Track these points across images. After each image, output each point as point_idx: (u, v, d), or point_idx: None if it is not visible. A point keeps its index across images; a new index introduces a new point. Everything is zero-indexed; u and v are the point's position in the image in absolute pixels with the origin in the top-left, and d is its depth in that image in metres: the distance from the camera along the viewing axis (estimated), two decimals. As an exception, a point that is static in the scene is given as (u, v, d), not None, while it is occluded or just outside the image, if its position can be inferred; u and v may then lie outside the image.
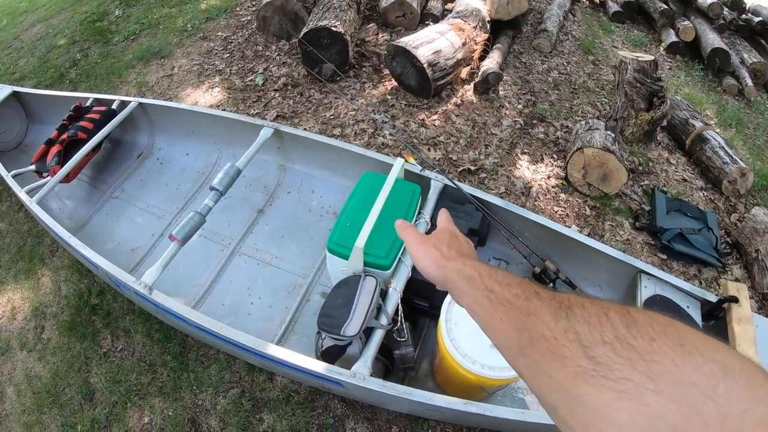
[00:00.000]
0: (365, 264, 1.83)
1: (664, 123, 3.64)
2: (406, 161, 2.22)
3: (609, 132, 3.10)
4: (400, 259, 1.91)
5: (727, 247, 2.86)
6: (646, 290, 2.00)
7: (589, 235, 2.70)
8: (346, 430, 1.99)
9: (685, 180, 3.30)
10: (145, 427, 2.09)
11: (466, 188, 2.22)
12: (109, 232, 2.70)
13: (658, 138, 3.65)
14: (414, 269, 1.93)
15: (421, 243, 0.70)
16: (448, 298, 1.73)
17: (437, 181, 2.23)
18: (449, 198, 2.24)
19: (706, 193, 3.23)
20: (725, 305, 1.92)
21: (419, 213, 2.09)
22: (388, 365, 1.94)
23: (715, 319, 1.97)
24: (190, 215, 2.06)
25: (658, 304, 1.97)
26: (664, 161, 3.42)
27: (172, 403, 2.13)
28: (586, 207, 2.90)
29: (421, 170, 2.27)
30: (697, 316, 1.93)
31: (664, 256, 2.75)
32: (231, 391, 2.13)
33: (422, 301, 1.95)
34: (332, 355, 1.75)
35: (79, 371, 2.31)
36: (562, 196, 2.91)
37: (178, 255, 2.05)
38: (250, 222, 2.60)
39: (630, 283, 2.12)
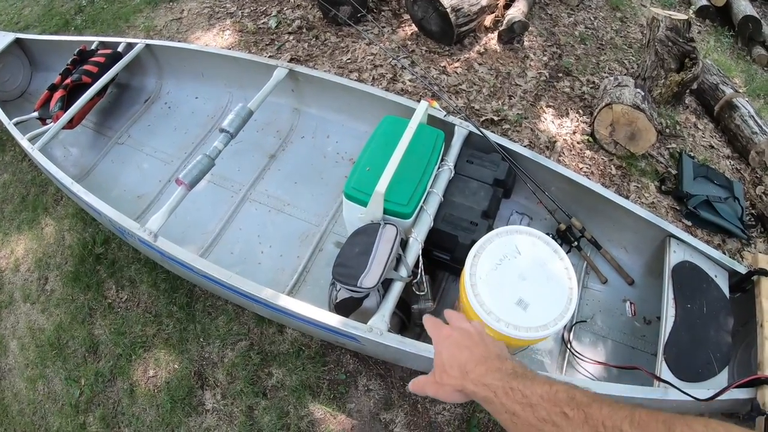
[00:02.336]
0: (385, 212, 1.61)
1: (694, 86, 3.32)
2: (430, 105, 1.96)
3: (639, 90, 2.80)
4: (421, 207, 1.68)
5: (752, 219, 2.62)
6: (675, 255, 1.81)
7: (614, 194, 2.45)
8: (358, 387, 1.83)
9: (712, 147, 3.03)
10: (150, 380, 1.95)
11: (492, 136, 1.97)
12: (115, 179, 2.49)
13: (686, 101, 3.34)
14: (436, 219, 1.71)
15: (432, 383, 0.62)
16: (473, 250, 1.52)
17: (461, 128, 1.98)
18: (473, 146, 1.99)
19: (732, 162, 2.96)
20: (754, 278, 1.74)
21: (442, 160, 1.85)
22: (404, 320, 1.75)
23: (742, 291, 1.80)
24: (198, 158, 1.85)
25: (687, 271, 1.78)
26: (691, 125, 3.14)
27: (177, 356, 1.98)
28: (612, 166, 2.64)
29: (444, 116, 2.01)
30: (724, 287, 1.76)
31: (689, 223, 2.53)
32: (239, 344, 1.98)
33: (443, 253, 1.74)
34: (347, 307, 1.56)
35: (83, 323, 2.16)
36: (588, 153, 2.65)
37: (185, 201, 1.85)
38: (261, 167, 2.37)
39: (657, 247, 1.93)
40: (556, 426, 0.43)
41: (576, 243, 2.05)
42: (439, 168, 1.82)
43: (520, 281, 1.49)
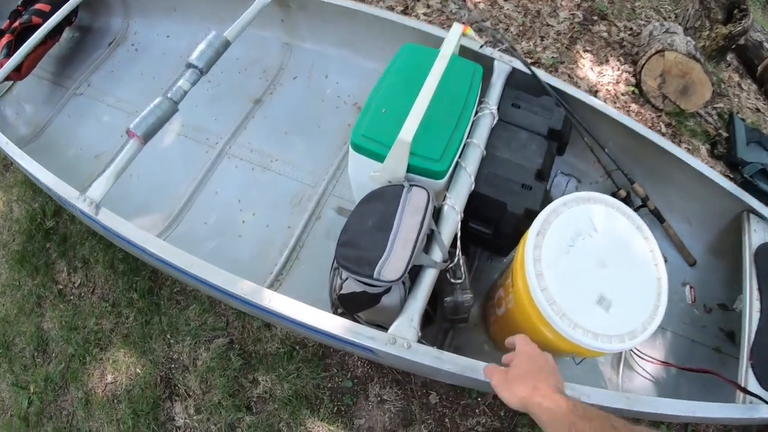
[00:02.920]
0: (410, 169, 1.12)
1: (741, 41, 2.82)
2: (463, 32, 1.43)
3: (689, 38, 2.29)
4: (458, 163, 1.19)
5: (803, 194, 2.20)
6: (755, 235, 1.43)
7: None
8: (369, 397, 1.39)
9: (758, 110, 2.58)
10: (108, 388, 1.51)
11: (542, 75, 1.46)
12: (72, 137, 1.99)
13: (728, 58, 2.84)
14: (476, 180, 1.22)
15: (503, 381, 0.71)
16: (536, 225, 1.05)
17: (503, 63, 1.47)
18: (519, 87, 1.48)
19: (778, 130, 2.50)
20: None
21: (481, 101, 1.34)
22: (429, 312, 1.29)
23: None
24: (155, 102, 1.35)
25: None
26: (735, 85, 2.68)
27: (140, 357, 1.53)
28: (661, 123, 2.17)
29: (481, 47, 1.50)
30: None
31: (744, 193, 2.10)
32: (215, 342, 1.52)
33: (484, 226, 1.26)
34: (356, 303, 1.09)
35: (31, 315, 1.70)
36: (633, 106, 2.17)
37: (150, 160, 1.50)
38: (244, 115, 1.85)
39: (729, 223, 1.54)
40: None
41: (636, 213, 1.59)
42: (477, 113, 1.31)
43: (599, 269, 1.05)
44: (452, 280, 1.12)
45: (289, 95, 1.87)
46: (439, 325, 1.34)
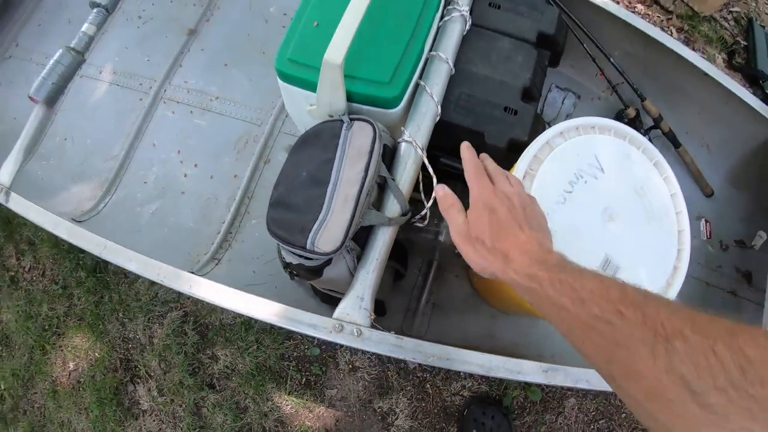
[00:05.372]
0: (351, 98, 0.79)
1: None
2: None
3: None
4: (417, 84, 0.85)
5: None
6: None
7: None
8: (339, 365, 1.17)
9: None
10: (72, 376, 1.32)
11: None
12: (4, 106, 1.63)
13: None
14: (444, 105, 0.88)
15: (464, 239, 0.50)
16: (522, 164, 0.75)
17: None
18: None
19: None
20: None
21: (448, 3, 0.95)
22: (400, 270, 1.02)
23: None
24: (56, 56, 1.05)
25: None
26: (750, -13, 2.15)
27: (96, 341, 1.32)
28: (671, 28, 1.77)
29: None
30: None
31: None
32: (168, 316, 1.29)
33: (459, 162, 0.94)
34: (301, 273, 0.80)
35: None
36: (639, 7, 1.76)
37: (79, 115, 1.27)
38: (177, 51, 1.47)
39: (754, 149, 1.25)
40: (610, 324, 0.35)
41: (646, 135, 1.27)
42: (443, 17, 0.93)
43: (605, 224, 0.76)
44: (418, 224, 0.83)
45: (227, 19, 1.47)
46: (415, 280, 1.08)
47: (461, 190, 0.59)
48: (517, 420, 1.12)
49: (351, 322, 0.68)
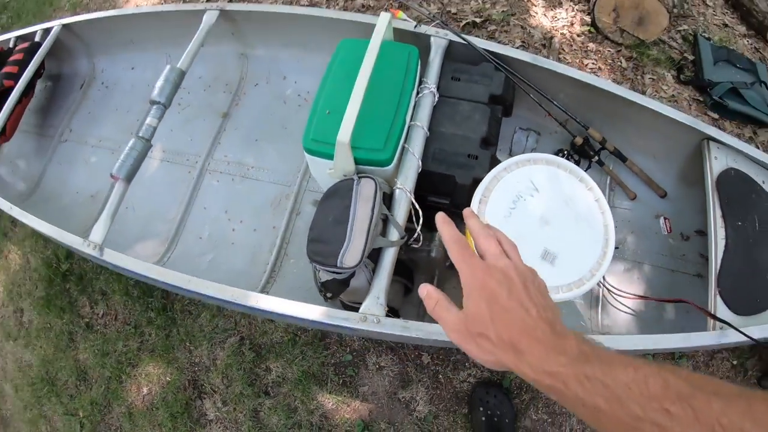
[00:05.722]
0: (357, 162, 1.21)
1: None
2: (393, 17, 1.47)
3: (639, -38, 2.23)
4: (403, 147, 1.26)
5: (781, 104, 2.16)
6: (716, 162, 1.43)
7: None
8: (368, 366, 1.53)
9: (726, 25, 2.49)
10: (145, 399, 1.68)
11: (478, 42, 1.49)
12: (65, 183, 2.09)
13: (687, -27, 2.73)
14: (424, 159, 1.30)
15: (464, 337, 0.43)
16: (477, 194, 1.13)
17: (439, 38, 1.51)
18: (457, 58, 1.52)
19: (750, 41, 2.45)
20: None
21: (420, 83, 1.39)
22: (407, 284, 1.40)
23: None
24: (130, 144, 1.45)
25: (733, 180, 1.42)
26: (699, 3, 2.58)
27: (167, 367, 1.69)
28: (621, 58, 2.15)
29: (415, 26, 1.53)
30: None
31: (716, 115, 2.09)
32: (228, 341, 1.67)
33: (441, 198, 1.34)
34: (335, 288, 1.20)
35: (66, 350, 1.87)
36: (591, 45, 2.15)
37: (138, 191, 1.58)
38: (215, 131, 1.93)
39: (692, 152, 1.54)
40: (657, 426, 0.32)
41: (597, 157, 1.64)
42: (418, 94, 1.37)
43: (542, 227, 1.12)
44: (414, 245, 1.21)
45: (253, 103, 1.94)
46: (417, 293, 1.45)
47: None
48: (516, 398, 1.44)
49: (372, 314, 1.06)
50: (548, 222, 1.11)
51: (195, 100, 2.02)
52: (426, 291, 0.48)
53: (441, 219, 0.51)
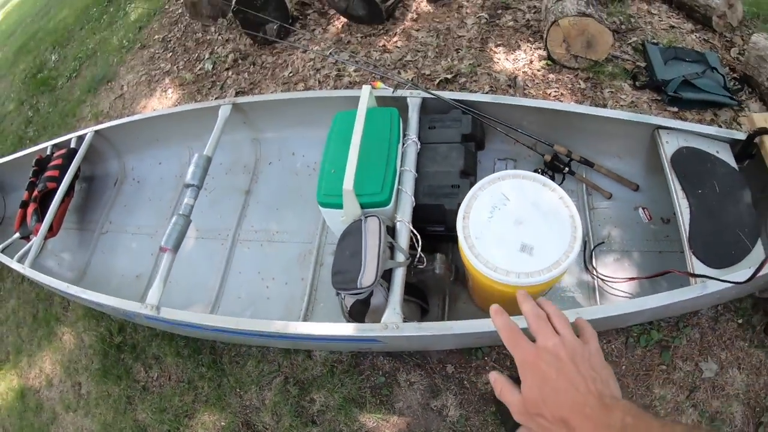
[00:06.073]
0: (362, 206, 1.57)
1: (635, -26, 3.19)
2: (373, 87, 1.91)
3: (580, -3, 2.70)
4: (398, 189, 1.63)
5: (737, 83, 2.49)
6: (668, 146, 1.71)
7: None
8: (400, 384, 1.79)
9: (673, 27, 2.91)
10: None
11: (446, 94, 1.91)
12: (111, 269, 2.49)
13: (633, -8, 3.21)
14: (416, 195, 1.66)
15: (526, 418, 0.50)
16: (461, 211, 1.46)
17: (414, 98, 1.93)
18: (432, 111, 1.93)
19: (698, 35, 2.84)
20: (756, 140, 1.63)
21: (404, 136, 1.79)
22: (423, 305, 1.70)
23: (750, 158, 1.70)
24: (173, 220, 1.82)
25: (686, 156, 1.69)
26: (645, 14, 3.03)
27: (221, 413, 1.96)
28: (580, 81, 2.55)
29: (393, 92, 1.96)
30: (729, 160, 1.67)
31: (675, 109, 2.41)
32: (274, 382, 1.95)
33: (436, 226, 1.68)
34: (359, 311, 1.52)
35: (125, 413, 2.16)
36: (551, 76, 2.57)
37: (181, 264, 1.85)
38: (240, 206, 2.35)
39: (649, 144, 1.83)
40: None
41: (567, 168, 1.97)
42: (404, 145, 1.76)
43: (517, 227, 1.43)
44: (419, 266, 1.54)
45: (269, 179, 2.37)
46: (434, 314, 1.75)
47: (452, 248, 1.22)
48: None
49: (391, 322, 1.37)
50: (521, 222, 1.42)
51: (219, 184, 2.46)
52: (493, 378, 0.54)
53: (494, 310, 0.56)
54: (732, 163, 1.65)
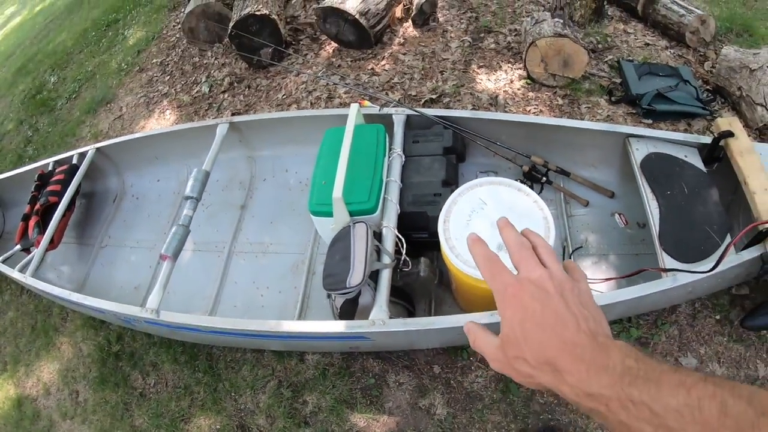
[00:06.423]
0: (351, 214, 1.73)
1: (610, -5, 3.45)
2: (361, 106, 2.09)
3: (557, 19, 2.93)
4: (384, 198, 1.79)
5: (709, 94, 2.69)
6: (638, 152, 1.87)
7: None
8: (389, 385, 1.91)
9: (648, 44, 3.13)
10: None
11: (429, 111, 2.09)
12: (110, 280, 2.62)
13: (609, 13, 3.47)
14: (401, 204, 1.82)
15: (503, 365, 0.44)
16: (442, 216, 1.62)
17: (398, 115, 2.11)
18: (416, 127, 2.11)
19: (672, 51, 3.06)
20: (722, 143, 1.78)
21: (390, 150, 1.97)
22: (409, 308, 1.84)
23: (717, 161, 1.84)
24: (173, 230, 1.96)
25: (655, 161, 1.84)
26: (621, 33, 3.26)
27: (217, 417, 2.06)
28: (558, 98, 2.75)
29: (379, 110, 2.14)
30: (697, 163, 1.81)
31: (650, 121, 2.60)
32: (268, 385, 2.06)
33: (421, 232, 1.84)
34: (348, 311, 1.66)
35: (122, 419, 2.25)
36: (531, 94, 2.77)
37: (179, 275, 1.98)
38: (236, 220, 2.50)
39: (621, 152, 1.99)
40: None
41: (545, 178, 2.13)
42: (389, 158, 1.93)
43: (493, 229, 1.55)
44: (405, 270, 1.69)
45: (264, 194, 2.53)
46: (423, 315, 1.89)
47: (437, 255, 1.36)
48: (521, 388, 1.80)
49: (378, 319, 1.51)
50: (497, 225, 1.59)
51: (216, 199, 2.61)
52: (466, 327, 0.49)
53: (472, 240, 0.50)
54: (700, 165, 1.79)
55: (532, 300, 0.42)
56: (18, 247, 2.60)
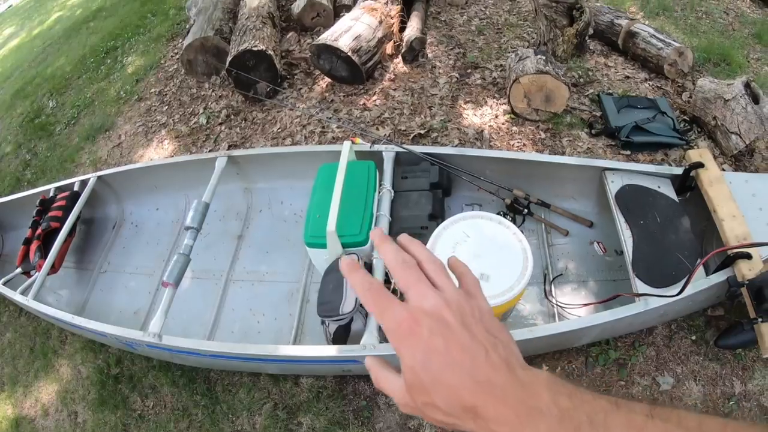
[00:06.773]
0: (343, 246, 1.90)
1: (591, 31, 3.69)
2: (353, 143, 2.28)
3: (540, 56, 3.16)
4: (374, 231, 1.97)
5: (686, 124, 2.88)
6: (613, 185, 2.04)
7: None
8: (380, 406, 2.05)
9: (628, 77, 3.35)
10: None
11: (417, 148, 2.29)
12: (109, 305, 2.74)
13: (590, 48, 3.70)
14: (390, 235, 2.00)
15: (413, 410, 0.39)
16: (430, 242, 1.78)
17: (388, 152, 2.30)
18: (405, 163, 2.31)
19: (652, 83, 3.27)
20: (692, 174, 1.95)
21: (380, 185, 2.15)
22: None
23: (690, 190, 2.01)
24: (174, 258, 2.11)
25: (629, 193, 2.01)
26: (602, 67, 3.48)
27: None
28: (540, 132, 2.96)
29: (371, 147, 2.33)
30: (670, 193, 1.98)
31: (628, 152, 2.78)
32: (264, 407, 2.20)
33: (408, 262, 2.01)
34: (341, 336, 1.82)
35: None
36: (515, 128, 2.98)
37: (178, 301, 2.09)
38: (233, 250, 2.66)
39: (598, 185, 2.18)
40: None
41: (526, 210, 2.32)
42: (379, 193, 2.12)
43: (476, 259, 1.75)
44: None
45: (260, 225, 2.70)
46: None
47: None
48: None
49: (369, 343, 1.67)
50: (480, 255, 1.75)
51: (214, 229, 2.77)
52: (367, 364, 0.44)
53: (346, 265, 0.44)
54: (672, 195, 1.96)
55: (431, 336, 0.36)
56: (19, 270, 2.72)
